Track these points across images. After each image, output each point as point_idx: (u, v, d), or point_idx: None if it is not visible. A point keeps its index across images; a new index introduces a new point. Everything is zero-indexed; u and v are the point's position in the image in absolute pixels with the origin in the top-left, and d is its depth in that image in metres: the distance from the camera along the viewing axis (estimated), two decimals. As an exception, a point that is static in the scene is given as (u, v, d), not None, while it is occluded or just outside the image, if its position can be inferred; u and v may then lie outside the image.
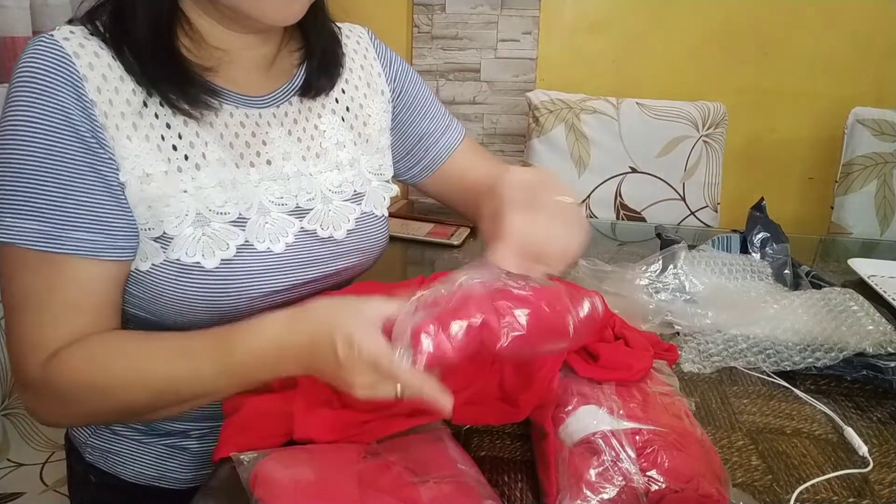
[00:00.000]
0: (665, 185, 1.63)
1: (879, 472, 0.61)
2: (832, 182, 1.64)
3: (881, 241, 1.52)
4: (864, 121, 1.57)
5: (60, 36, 0.59)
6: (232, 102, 0.67)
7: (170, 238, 0.61)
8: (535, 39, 2.03)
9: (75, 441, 0.80)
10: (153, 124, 0.62)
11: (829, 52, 1.93)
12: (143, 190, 0.61)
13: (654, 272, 0.93)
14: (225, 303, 0.64)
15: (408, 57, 2.08)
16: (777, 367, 0.77)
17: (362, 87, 0.80)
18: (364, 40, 0.83)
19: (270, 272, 0.66)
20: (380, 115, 0.81)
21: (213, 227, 0.63)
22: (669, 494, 0.50)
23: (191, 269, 0.62)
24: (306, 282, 0.70)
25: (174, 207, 0.61)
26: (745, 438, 0.66)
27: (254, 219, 0.65)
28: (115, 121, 0.59)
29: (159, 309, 0.64)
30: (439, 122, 0.88)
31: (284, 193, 0.69)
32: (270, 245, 0.66)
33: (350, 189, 0.75)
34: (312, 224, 0.70)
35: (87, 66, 0.59)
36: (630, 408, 0.58)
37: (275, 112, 0.71)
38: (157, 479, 0.77)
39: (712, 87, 1.94)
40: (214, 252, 0.62)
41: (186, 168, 0.63)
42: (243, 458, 0.52)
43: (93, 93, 0.58)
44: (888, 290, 0.96)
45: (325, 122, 0.75)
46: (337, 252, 0.72)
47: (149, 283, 0.63)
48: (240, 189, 0.66)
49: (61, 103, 0.57)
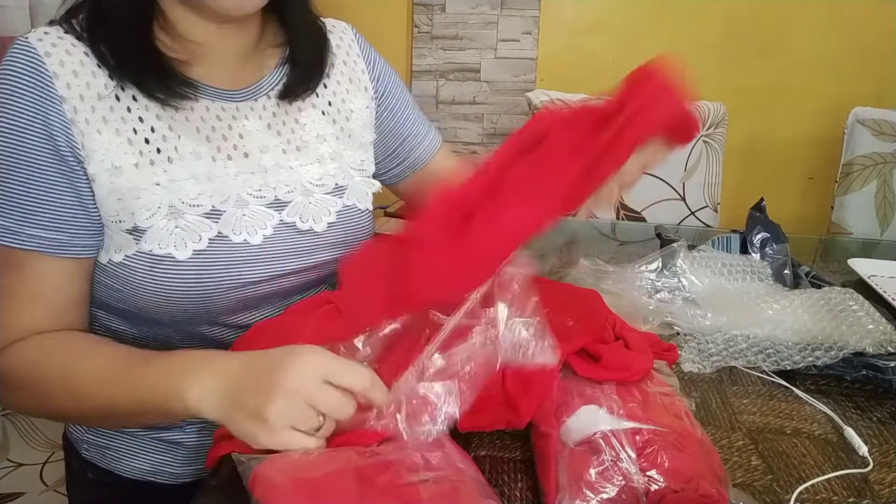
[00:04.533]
0: (665, 185, 1.63)
1: (879, 472, 0.61)
2: (832, 182, 1.65)
3: (881, 241, 1.52)
4: (864, 121, 1.57)
5: (34, 38, 0.61)
6: (208, 96, 0.68)
7: (142, 231, 0.63)
8: (535, 39, 2.03)
9: (72, 438, 0.81)
10: (125, 118, 0.63)
11: (829, 52, 1.93)
12: (112, 182, 0.62)
13: (654, 271, 0.93)
14: (201, 292, 0.65)
15: (408, 57, 2.08)
16: (777, 366, 0.77)
17: (345, 82, 0.80)
18: (348, 36, 0.83)
19: (247, 263, 0.67)
20: (362, 111, 0.81)
21: (186, 220, 0.64)
22: (669, 494, 0.50)
23: (164, 260, 0.63)
24: (286, 273, 0.71)
25: (145, 200, 0.63)
26: (745, 438, 0.66)
27: (230, 211, 0.66)
28: (84, 115, 0.61)
29: (137, 300, 0.65)
30: (421, 125, 0.89)
31: (263, 186, 0.69)
32: (248, 237, 0.67)
33: (332, 182, 0.75)
34: (292, 216, 0.70)
35: (58, 64, 0.61)
36: (630, 408, 0.58)
37: (252, 105, 0.71)
38: (153, 473, 0.77)
39: (712, 87, 1.94)
40: (186, 244, 0.64)
41: (159, 161, 0.64)
42: (243, 459, 0.52)
43: (62, 89, 0.60)
44: (888, 290, 0.96)
45: (305, 115, 0.75)
46: (317, 244, 0.73)
47: (123, 275, 0.64)
48: (215, 182, 0.66)
49: (28, 101, 0.59)
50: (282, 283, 0.71)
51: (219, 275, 0.65)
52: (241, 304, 0.69)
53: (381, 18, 1.99)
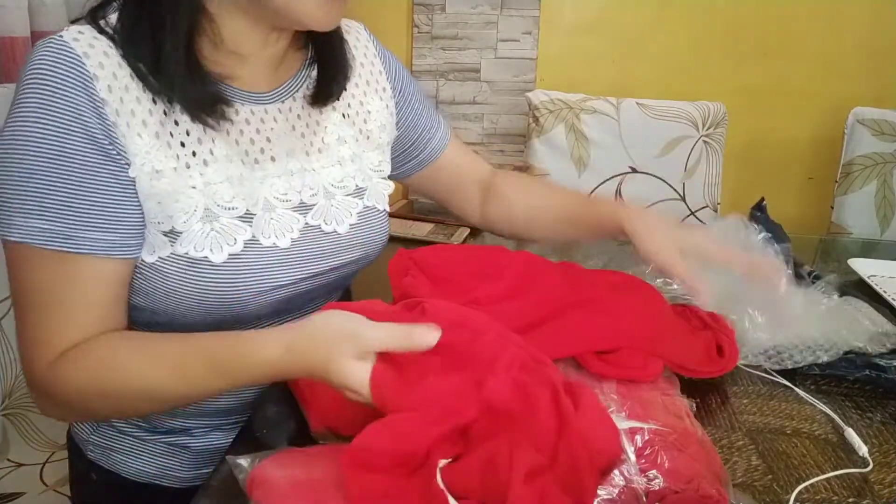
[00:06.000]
0: (665, 185, 1.63)
1: (879, 472, 0.61)
2: (832, 182, 1.64)
3: (881, 241, 1.52)
4: (864, 121, 1.57)
5: (69, 37, 0.59)
6: (238, 100, 0.68)
7: (178, 233, 0.62)
8: (535, 39, 2.03)
9: (77, 439, 0.80)
10: (163, 122, 0.62)
11: (829, 52, 1.93)
12: (152, 186, 0.61)
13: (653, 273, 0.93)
14: (232, 296, 0.65)
15: (408, 57, 2.08)
16: (779, 365, 0.77)
17: (363, 84, 0.80)
18: (363, 37, 0.84)
19: (277, 267, 0.67)
20: (379, 112, 0.81)
21: (221, 223, 0.64)
22: (669, 495, 0.50)
23: (199, 263, 0.63)
24: (312, 276, 0.71)
25: (183, 203, 0.62)
26: (745, 438, 0.66)
27: (259, 214, 0.66)
28: (125, 118, 0.60)
29: (169, 302, 0.64)
30: (433, 118, 0.90)
31: (288, 189, 0.69)
32: (276, 240, 0.67)
33: (352, 184, 0.76)
34: (316, 219, 0.71)
35: (98, 66, 0.59)
36: (630, 407, 0.58)
37: (280, 108, 0.71)
38: (159, 476, 0.77)
39: (712, 87, 1.93)
40: (222, 247, 0.63)
41: (195, 164, 0.64)
42: (240, 461, 0.52)
43: (104, 91, 0.59)
44: (888, 290, 0.96)
45: (326, 118, 0.75)
46: (340, 246, 0.73)
47: (155, 276, 0.63)
48: (246, 185, 0.66)
49: (72, 103, 0.57)
50: (305, 286, 0.71)
51: (252, 277, 0.65)
52: (266, 309, 0.69)
53: (381, 18, 1.99)
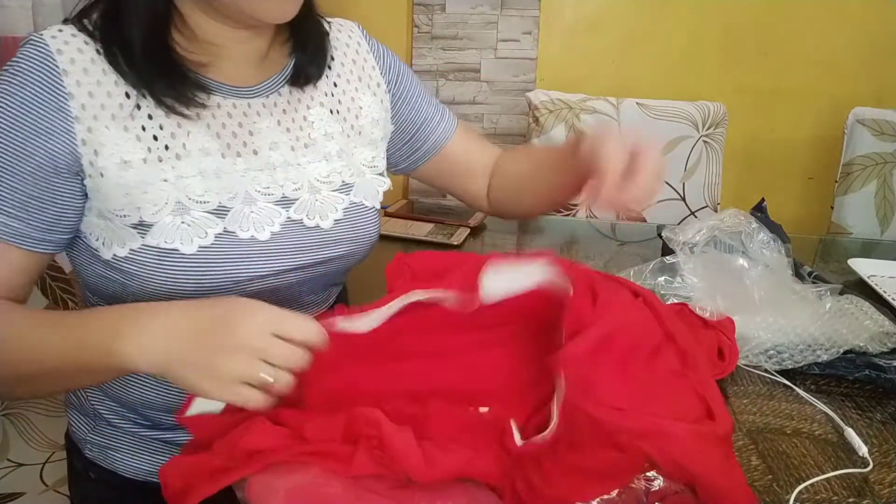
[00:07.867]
0: (665, 185, 1.63)
1: (879, 472, 0.61)
2: (832, 182, 1.64)
3: (881, 241, 1.52)
4: (864, 121, 1.57)
5: (48, 35, 0.62)
6: (220, 93, 0.69)
7: (148, 225, 0.63)
8: (535, 39, 2.03)
9: (75, 438, 0.81)
10: (134, 115, 0.64)
11: (829, 52, 1.93)
12: (120, 177, 0.63)
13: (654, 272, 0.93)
14: (206, 286, 0.66)
15: (408, 57, 2.08)
16: (780, 365, 0.77)
17: (353, 80, 0.81)
18: (356, 34, 0.84)
19: (253, 258, 0.67)
20: (372, 108, 0.81)
21: (192, 216, 0.65)
22: (670, 495, 0.50)
23: (170, 254, 0.64)
24: (293, 268, 0.71)
25: (152, 195, 0.63)
26: (745, 438, 0.66)
27: (238, 208, 0.67)
28: (93, 111, 0.62)
29: (147, 294, 0.65)
30: (435, 110, 0.91)
31: (271, 183, 0.70)
32: (255, 233, 0.67)
33: (339, 179, 0.76)
34: (299, 214, 0.71)
35: (69, 61, 0.61)
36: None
37: (264, 102, 0.72)
38: (155, 474, 0.77)
39: (712, 87, 1.94)
40: (192, 239, 0.64)
41: (167, 158, 0.65)
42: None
43: (72, 86, 0.61)
44: (888, 290, 0.96)
45: (313, 113, 0.76)
46: (323, 241, 0.73)
47: (130, 269, 0.64)
48: (224, 179, 0.67)
49: (33, 96, 0.60)
50: (288, 278, 0.71)
51: (226, 268, 0.66)
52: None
53: (381, 18, 1.99)
